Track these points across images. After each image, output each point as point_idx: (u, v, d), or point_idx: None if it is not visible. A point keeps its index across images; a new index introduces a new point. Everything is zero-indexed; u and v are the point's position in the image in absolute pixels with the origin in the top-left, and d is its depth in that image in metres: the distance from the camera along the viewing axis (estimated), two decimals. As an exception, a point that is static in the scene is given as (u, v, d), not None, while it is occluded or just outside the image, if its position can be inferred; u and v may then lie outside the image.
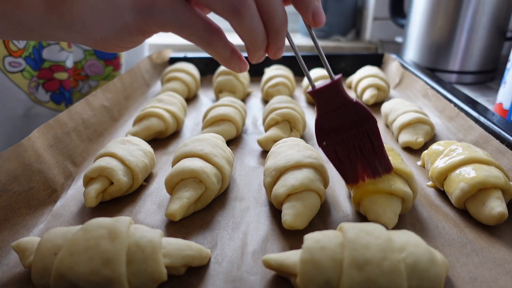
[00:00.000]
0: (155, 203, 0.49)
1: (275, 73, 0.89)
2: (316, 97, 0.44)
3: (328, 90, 0.43)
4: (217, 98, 0.88)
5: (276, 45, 0.37)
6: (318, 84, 0.44)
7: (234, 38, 0.36)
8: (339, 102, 0.43)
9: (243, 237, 0.42)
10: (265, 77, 0.91)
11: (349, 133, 0.44)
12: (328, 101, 0.43)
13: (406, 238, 0.34)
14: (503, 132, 0.55)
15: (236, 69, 0.39)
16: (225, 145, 0.55)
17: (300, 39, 1.40)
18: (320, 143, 0.45)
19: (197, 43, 0.36)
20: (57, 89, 0.76)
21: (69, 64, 0.77)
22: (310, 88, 0.44)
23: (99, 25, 0.38)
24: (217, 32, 0.36)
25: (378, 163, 0.44)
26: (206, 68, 1.04)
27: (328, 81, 0.43)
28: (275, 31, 0.36)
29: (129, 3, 0.36)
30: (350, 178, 0.45)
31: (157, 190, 0.52)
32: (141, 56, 1.04)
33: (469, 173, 0.45)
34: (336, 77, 0.43)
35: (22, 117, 0.71)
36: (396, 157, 0.48)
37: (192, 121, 0.77)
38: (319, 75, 0.87)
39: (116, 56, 0.86)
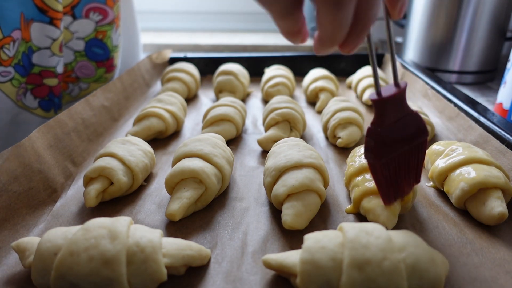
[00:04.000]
0: (155, 203, 0.49)
1: (275, 73, 0.89)
2: (382, 106, 0.38)
3: (395, 99, 0.38)
4: (217, 98, 0.88)
5: (357, 42, 0.33)
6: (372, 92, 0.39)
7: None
8: (402, 112, 0.39)
9: (243, 237, 0.42)
10: (265, 77, 0.91)
11: (405, 148, 0.40)
12: (392, 111, 0.38)
13: (406, 238, 0.34)
14: (503, 132, 0.55)
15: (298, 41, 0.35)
16: (225, 145, 0.55)
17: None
18: (378, 159, 0.39)
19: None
20: (46, 95, 0.73)
21: (60, 69, 0.74)
22: (373, 94, 0.38)
23: None
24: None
25: (414, 177, 0.42)
26: (206, 68, 1.04)
27: (390, 86, 0.39)
28: (361, 29, 0.32)
29: None
30: (391, 198, 0.41)
31: (157, 190, 0.52)
32: (136, 57, 1.01)
33: (469, 173, 0.45)
34: (402, 84, 0.38)
35: (8, 124, 0.68)
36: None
37: (192, 121, 0.77)
38: (320, 75, 0.87)
39: (108, 57, 0.83)
